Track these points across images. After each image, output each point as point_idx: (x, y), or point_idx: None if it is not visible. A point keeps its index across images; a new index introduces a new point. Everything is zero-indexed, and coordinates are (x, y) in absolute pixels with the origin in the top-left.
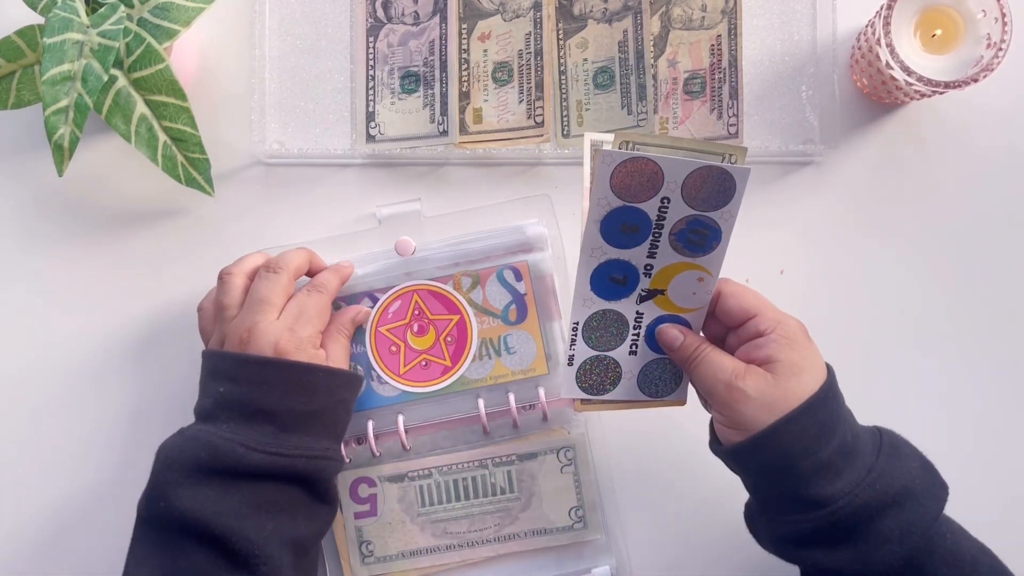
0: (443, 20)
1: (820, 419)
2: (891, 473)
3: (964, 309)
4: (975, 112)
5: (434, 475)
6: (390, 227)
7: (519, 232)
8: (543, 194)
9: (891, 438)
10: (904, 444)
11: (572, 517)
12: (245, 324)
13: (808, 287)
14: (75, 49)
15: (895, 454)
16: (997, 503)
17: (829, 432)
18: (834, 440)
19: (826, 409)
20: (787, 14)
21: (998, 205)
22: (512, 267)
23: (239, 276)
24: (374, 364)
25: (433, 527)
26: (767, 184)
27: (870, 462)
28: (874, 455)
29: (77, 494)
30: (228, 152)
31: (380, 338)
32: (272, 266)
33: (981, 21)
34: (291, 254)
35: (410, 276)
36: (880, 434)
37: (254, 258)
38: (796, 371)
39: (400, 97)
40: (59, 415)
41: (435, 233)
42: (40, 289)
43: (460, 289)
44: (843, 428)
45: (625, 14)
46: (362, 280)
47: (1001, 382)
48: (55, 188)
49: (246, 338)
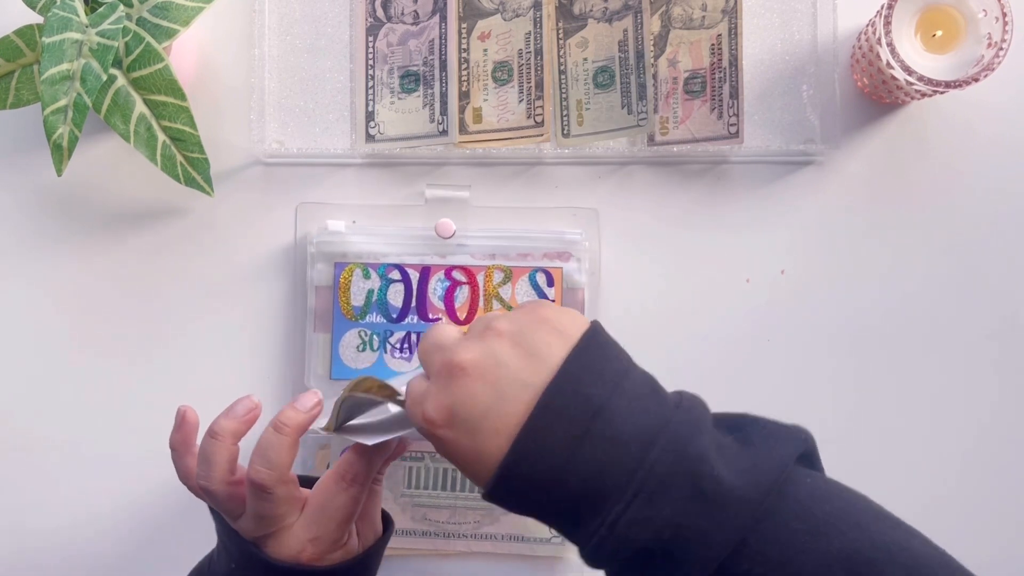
0: (443, 19)
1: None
2: (630, 532)
3: (965, 309)
4: (976, 112)
5: (426, 459)
6: (435, 208)
7: (560, 239)
8: (592, 208)
9: (662, 459)
10: (676, 469)
11: (551, 531)
12: (257, 532)
13: (808, 287)
14: (74, 48)
15: (652, 496)
16: (998, 503)
17: (541, 492)
18: (554, 499)
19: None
20: (787, 13)
21: (999, 205)
22: (546, 271)
23: (221, 487)
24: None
25: (414, 510)
26: (767, 184)
27: (612, 519)
28: (621, 503)
29: (76, 494)
30: (227, 152)
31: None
32: (260, 486)
33: (982, 20)
34: (274, 453)
35: (444, 258)
36: (645, 456)
37: (220, 456)
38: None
39: (400, 96)
40: (58, 415)
41: (478, 223)
42: (39, 288)
43: (491, 281)
44: (565, 476)
45: (625, 13)
46: (395, 253)
47: (1002, 382)
48: (54, 188)
49: (261, 541)
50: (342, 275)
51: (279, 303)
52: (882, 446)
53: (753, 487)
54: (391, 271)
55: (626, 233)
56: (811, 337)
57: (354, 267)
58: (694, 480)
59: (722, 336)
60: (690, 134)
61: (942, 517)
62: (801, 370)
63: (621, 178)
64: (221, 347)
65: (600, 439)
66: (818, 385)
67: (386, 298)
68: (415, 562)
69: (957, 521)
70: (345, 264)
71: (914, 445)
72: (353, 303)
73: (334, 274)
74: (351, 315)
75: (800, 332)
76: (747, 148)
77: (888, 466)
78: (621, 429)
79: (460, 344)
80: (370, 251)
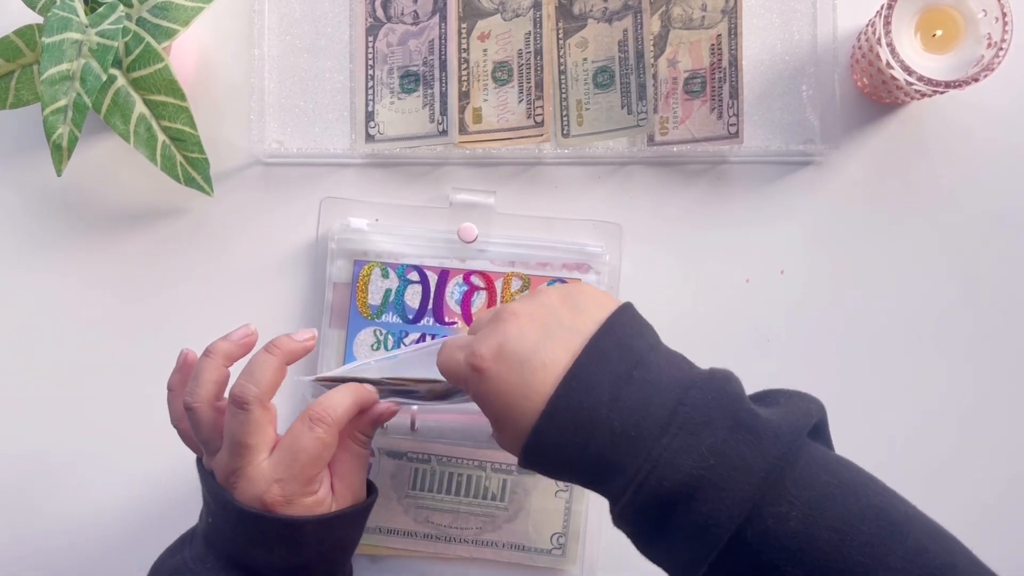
0: (443, 19)
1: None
2: (677, 459)
3: (965, 309)
4: (976, 112)
5: (432, 461)
6: (459, 212)
7: (580, 250)
8: (615, 223)
9: (698, 398)
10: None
11: (553, 542)
12: (229, 467)
13: (808, 287)
14: (74, 49)
15: (690, 426)
16: (999, 504)
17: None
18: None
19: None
20: (787, 13)
21: (999, 205)
22: (564, 281)
23: (204, 407)
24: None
25: (417, 512)
26: (767, 184)
27: (647, 448)
28: (657, 435)
29: (74, 494)
30: (227, 152)
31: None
32: (238, 399)
33: (982, 21)
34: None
35: (463, 262)
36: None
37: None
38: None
39: (399, 97)
40: (58, 415)
41: (501, 230)
42: (39, 289)
43: (509, 289)
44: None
45: (625, 13)
46: (415, 254)
47: (1003, 382)
48: (54, 188)
49: (232, 482)
50: (361, 273)
51: (279, 303)
52: (882, 446)
53: (787, 426)
54: (410, 272)
55: (625, 233)
56: (811, 337)
57: (373, 265)
58: (733, 413)
59: (722, 336)
60: (690, 134)
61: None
62: (801, 370)
63: (621, 178)
64: None
65: (642, 382)
66: (818, 385)
67: (403, 299)
68: (416, 564)
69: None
70: (365, 262)
71: (914, 444)
72: (370, 301)
73: (353, 271)
74: (368, 313)
75: (800, 332)
76: (747, 148)
77: (888, 466)
78: (659, 376)
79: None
80: (390, 250)
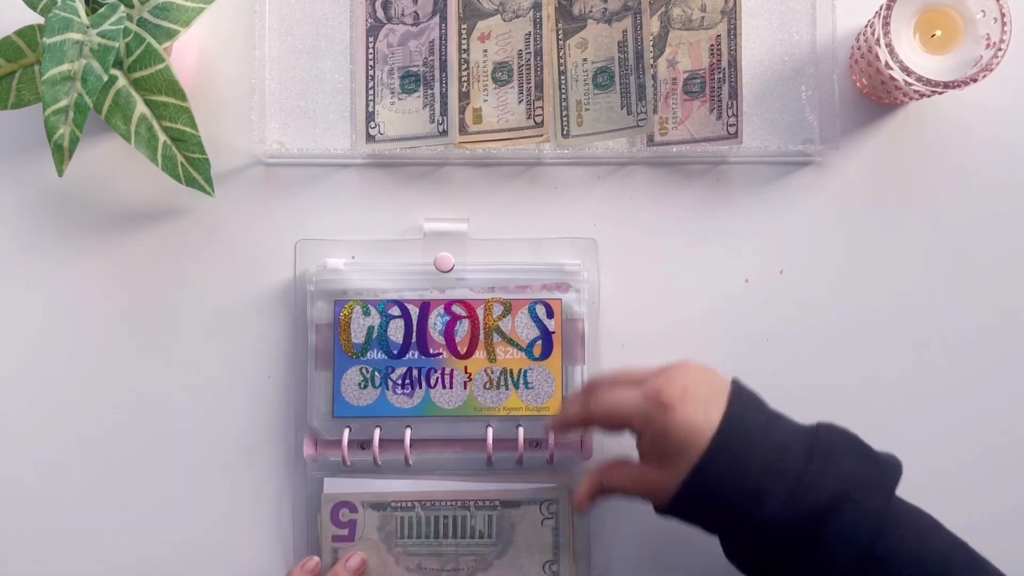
0: (443, 20)
1: (734, 449)
2: (822, 480)
3: (965, 309)
4: (974, 112)
5: (416, 508)
6: (433, 242)
7: (559, 270)
8: (590, 239)
9: (827, 436)
10: (841, 440)
11: (546, 572)
12: None
13: (808, 287)
14: (75, 49)
15: (828, 455)
16: (1000, 504)
17: (746, 457)
18: (753, 464)
19: (736, 436)
20: (787, 14)
21: (998, 205)
22: (545, 303)
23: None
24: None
25: (407, 560)
26: (767, 184)
27: (798, 472)
28: (804, 462)
29: (72, 493)
30: (228, 152)
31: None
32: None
33: (980, 21)
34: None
35: (443, 292)
36: (816, 435)
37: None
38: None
39: (400, 97)
40: (58, 415)
41: (476, 256)
42: (39, 289)
43: (490, 315)
44: (762, 448)
45: (625, 14)
46: (394, 288)
47: (1003, 382)
48: (55, 188)
49: None
50: (342, 312)
51: (279, 302)
52: (882, 446)
53: (894, 459)
54: (391, 307)
55: (625, 233)
56: (810, 337)
57: (354, 304)
58: (858, 447)
59: (721, 336)
60: (689, 134)
61: (943, 517)
62: (800, 370)
63: (620, 178)
64: (222, 346)
65: (777, 429)
66: (818, 385)
67: (387, 334)
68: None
69: (957, 520)
70: (345, 302)
71: (914, 444)
72: (354, 340)
73: (334, 312)
74: (352, 352)
75: (799, 332)
76: (746, 148)
77: None
78: (788, 424)
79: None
80: (369, 287)
